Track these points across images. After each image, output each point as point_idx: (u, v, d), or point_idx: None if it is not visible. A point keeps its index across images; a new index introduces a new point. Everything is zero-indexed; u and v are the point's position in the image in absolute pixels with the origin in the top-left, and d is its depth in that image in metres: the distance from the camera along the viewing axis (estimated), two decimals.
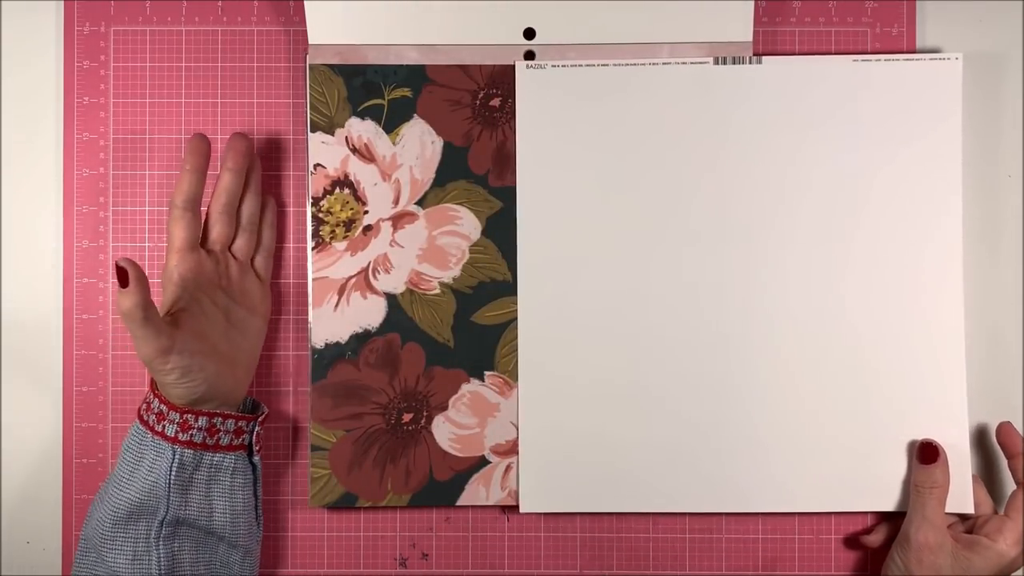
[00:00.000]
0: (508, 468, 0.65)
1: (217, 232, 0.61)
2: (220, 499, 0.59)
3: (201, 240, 0.61)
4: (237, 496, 0.60)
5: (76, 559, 0.59)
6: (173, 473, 0.57)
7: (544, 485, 0.65)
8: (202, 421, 0.58)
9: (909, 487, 0.63)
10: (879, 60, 0.64)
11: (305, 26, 0.65)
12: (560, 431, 0.64)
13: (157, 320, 0.55)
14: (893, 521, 0.65)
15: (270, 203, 0.65)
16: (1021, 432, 0.64)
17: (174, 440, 0.58)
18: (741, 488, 0.64)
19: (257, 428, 0.61)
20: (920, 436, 0.64)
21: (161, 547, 0.57)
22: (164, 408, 0.58)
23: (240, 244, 0.62)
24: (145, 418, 0.59)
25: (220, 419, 0.59)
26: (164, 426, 0.58)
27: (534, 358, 0.65)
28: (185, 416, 0.58)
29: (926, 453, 0.62)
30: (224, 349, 0.60)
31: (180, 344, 0.56)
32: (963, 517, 0.64)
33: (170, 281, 0.58)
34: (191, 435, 0.58)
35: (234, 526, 0.60)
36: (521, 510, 0.64)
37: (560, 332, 0.65)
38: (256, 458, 0.61)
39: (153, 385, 0.59)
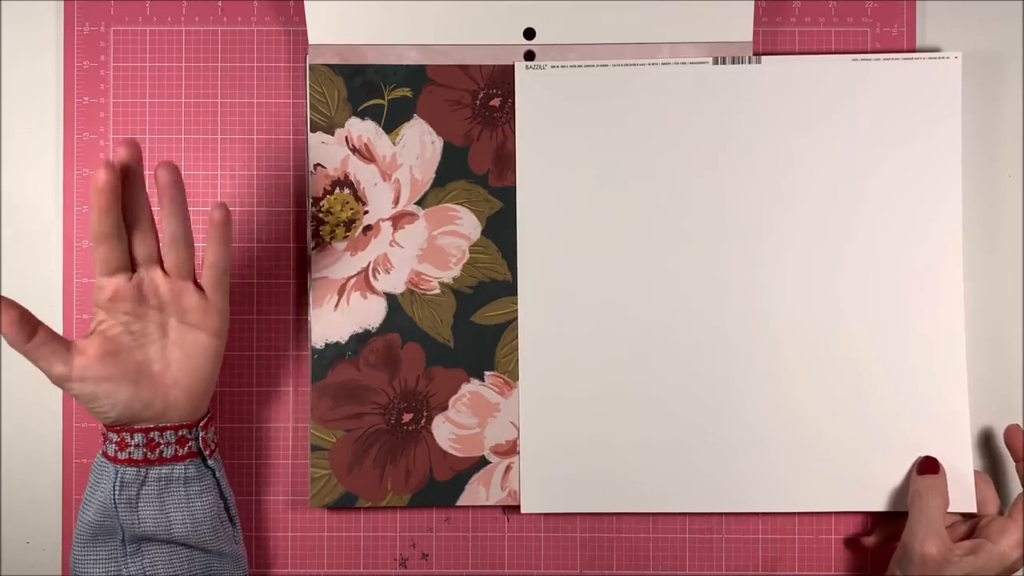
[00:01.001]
0: (508, 468, 0.65)
1: (138, 254, 0.57)
2: (177, 510, 0.58)
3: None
4: (195, 503, 0.59)
5: None
6: (116, 492, 0.57)
7: (544, 485, 0.65)
8: (138, 438, 0.57)
9: (909, 497, 0.63)
10: (878, 60, 0.64)
11: (305, 26, 0.65)
12: (560, 431, 0.64)
13: (49, 347, 0.55)
14: (891, 522, 0.65)
15: (216, 217, 0.58)
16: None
17: (114, 459, 0.58)
18: (741, 488, 0.64)
19: (201, 433, 0.59)
20: (921, 435, 0.64)
21: (131, 565, 0.58)
22: (104, 429, 0.58)
23: (168, 264, 0.58)
24: (101, 444, 0.59)
25: (157, 432, 0.58)
26: (107, 447, 0.58)
27: (534, 358, 0.65)
28: (122, 435, 0.57)
29: (926, 465, 0.62)
30: (157, 369, 0.58)
31: (79, 371, 0.55)
32: (965, 516, 0.64)
33: (95, 303, 0.57)
34: (129, 453, 0.57)
35: (199, 533, 0.59)
36: (522, 510, 0.64)
37: (560, 332, 0.65)
38: (211, 462, 0.60)
39: None
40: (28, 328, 0.54)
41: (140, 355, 0.58)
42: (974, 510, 0.63)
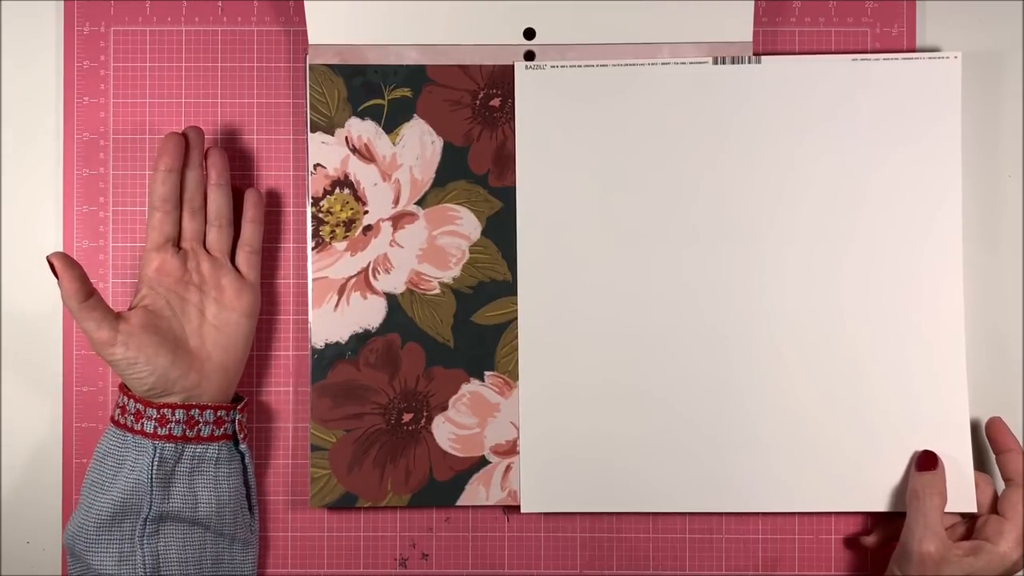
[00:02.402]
0: (508, 468, 0.65)
1: (186, 229, 0.62)
2: (205, 489, 0.60)
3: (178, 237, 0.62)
4: (223, 486, 0.60)
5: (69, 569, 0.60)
6: (155, 468, 0.58)
7: (544, 485, 0.65)
8: (179, 414, 0.59)
9: (907, 495, 0.63)
10: (878, 59, 0.64)
11: (305, 26, 0.65)
12: (560, 431, 0.64)
13: (100, 311, 0.58)
14: (891, 521, 0.65)
15: (251, 199, 0.64)
16: (1017, 429, 0.64)
17: (153, 436, 0.58)
18: (741, 488, 0.64)
19: (238, 416, 0.61)
20: (921, 435, 0.64)
21: (146, 545, 0.58)
22: (140, 407, 0.59)
23: (211, 240, 0.62)
24: (121, 421, 0.59)
25: (197, 411, 0.59)
26: (143, 424, 0.58)
27: (534, 358, 0.65)
28: (162, 411, 0.58)
29: (924, 461, 0.62)
30: (194, 344, 0.61)
31: (124, 336, 0.58)
32: (964, 516, 0.64)
33: (139, 278, 0.61)
34: (170, 428, 0.58)
35: (220, 515, 0.60)
36: (522, 510, 0.64)
37: (560, 332, 0.65)
38: (243, 447, 0.62)
39: (123, 388, 0.60)
40: (86, 289, 0.57)
41: (179, 329, 0.60)
42: (975, 510, 0.63)
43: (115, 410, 0.60)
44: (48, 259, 0.57)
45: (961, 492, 0.63)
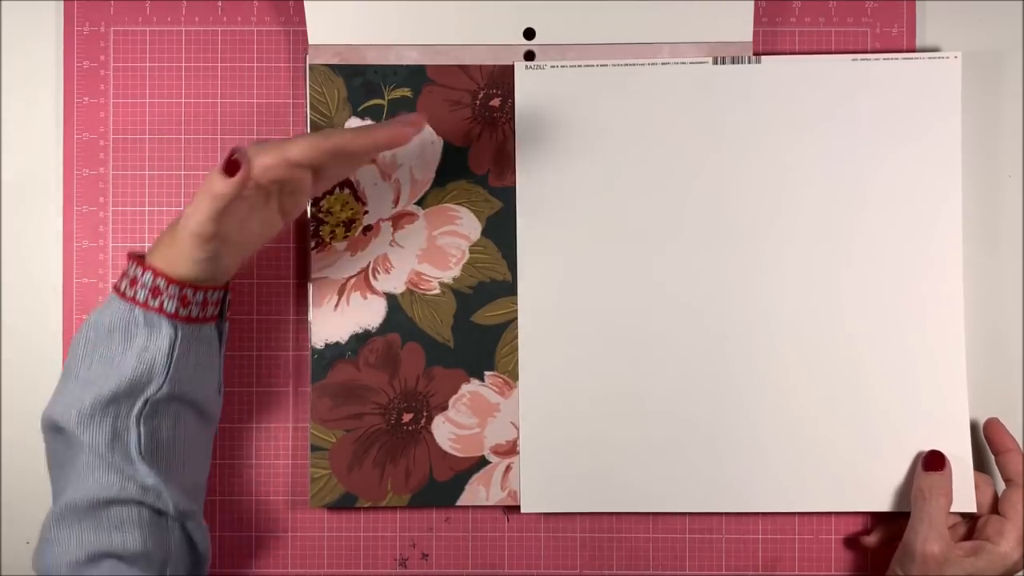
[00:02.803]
0: (508, 468, 0.65)
1: (329, 167, 0.59)
2: (199, 369, 0.58)
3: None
4: (214, 364, 0.60)
5: (48, 455, 0.58)
6: (177, 350, 0.56)
7: (544, 485, 0.65)
8: (199, 296, 0.57)
9: (912, 495, 0.63)
10: (878, 59, 0.64)
11: (305, 26, 0.65)
12: (560, 431, 0.64)
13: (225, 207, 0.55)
14: (892, 521, 0.65)
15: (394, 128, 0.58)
16: (1017, 429, 0.64)
17: (174, 315, 0.56)
18: (741, 488, 0.64)
19: (228, 296, 0.60)
20: (921, 436, 0.64)
21: (142, 425, 0.56)
22: (162, 283, 0.56)
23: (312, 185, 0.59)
24: (130, 295, 0.56)
25: (212, 292, 0.58)
26: (162, 301, 0.56)
27: (534, 358, 0.65)
28: (184, 291, 0.56)
29: (932, 460, 0.62)
30: (237, 235, 0.58)
31: (223, 234, 0.56)
32: (964, 515, 0.64)
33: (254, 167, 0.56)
34: (189, 310, 0.57)
35: (209, 396, 0.60)
36: (521, 510, 0.64)
37: (560, 332, 0.65)
38: (225, 324, 0.61)
39: (142, 261, 0.57)
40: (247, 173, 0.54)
41: (244, 216, 0.57)
42: (975, 510, 0.63)
43: (122, 281, 0.57)
44: (233, 156, 0.53)
45: (962, 492, 0.63)
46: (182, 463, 0.58)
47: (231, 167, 0.53)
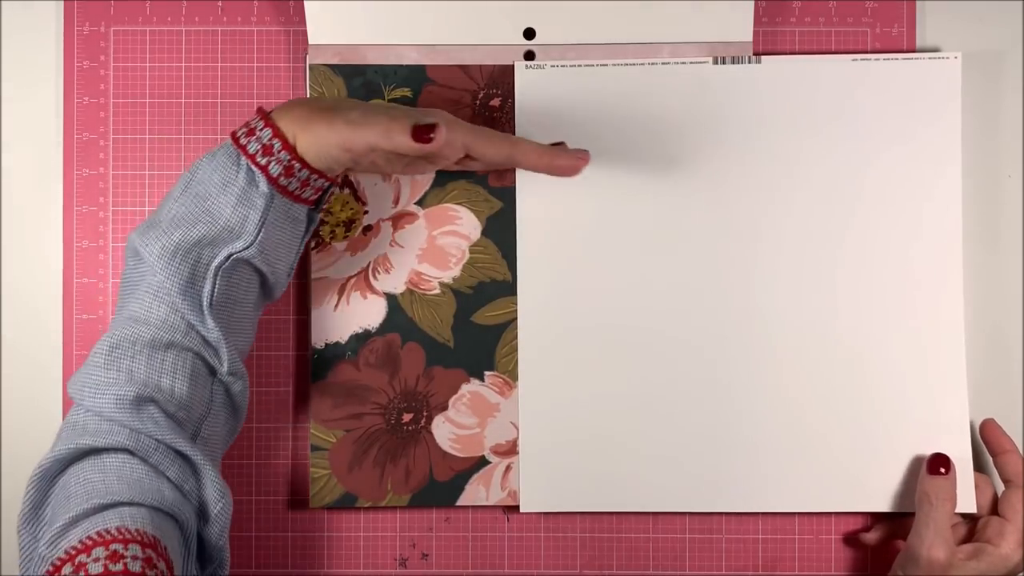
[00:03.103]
0: (508, 468, 0.65)
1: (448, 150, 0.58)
2: (281, 246, 0.58)
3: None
4: (294, 246, 0.59)
5: (123, 277, 0.57)
6: (269, 215, 0.56)
7: (544, 485, 0.65)
8: (303, 173, 0.56)
9: (916, 498, 0.62)
10: (878, 59, 0.64)
11: (305, 26, 0.65)
12: (560, 431, 0.64)
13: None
14: (891, 518, 0.65)
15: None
16: (1017, 429, 0.64)
17: (275, 180, 0.56)
18: (741, 488, 0.64)
19: (333, 188, 0.61)
20: (921, 436, 0.64)
21: (219, 278, 0.56)
22: (277, 144, 0.55)
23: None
24: (244, 143, 0.56)
25: (317, 177, 0.57)
26: (269, 162, 0.55)
27: (534, 358, 0.65)
28: (293, 162, 0.55)
29: (936, 463, 0.62)
30: (365, 162, 0.59)
31: (364, 165, 0.58)
32: (964, 516, 0.64)
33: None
34: (290, 182, 0.56)
35: (279, 275, 0.59)
36: (521, 510, 0.64)
37: (560, 332, 0.65)
38: (316, 215, 0.60)
39: (268, 117, 0.56)
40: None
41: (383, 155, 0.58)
42: (974, 510, 0.63)
43: (240, 130, 0.56)
44: (430, 128, 0.54)
45: (962, 493, 0.63)
46: (239, 330, 0.58)
47: (423, 134, 0.54)
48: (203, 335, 0.56)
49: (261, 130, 0.56)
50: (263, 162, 0.55)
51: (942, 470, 0.62)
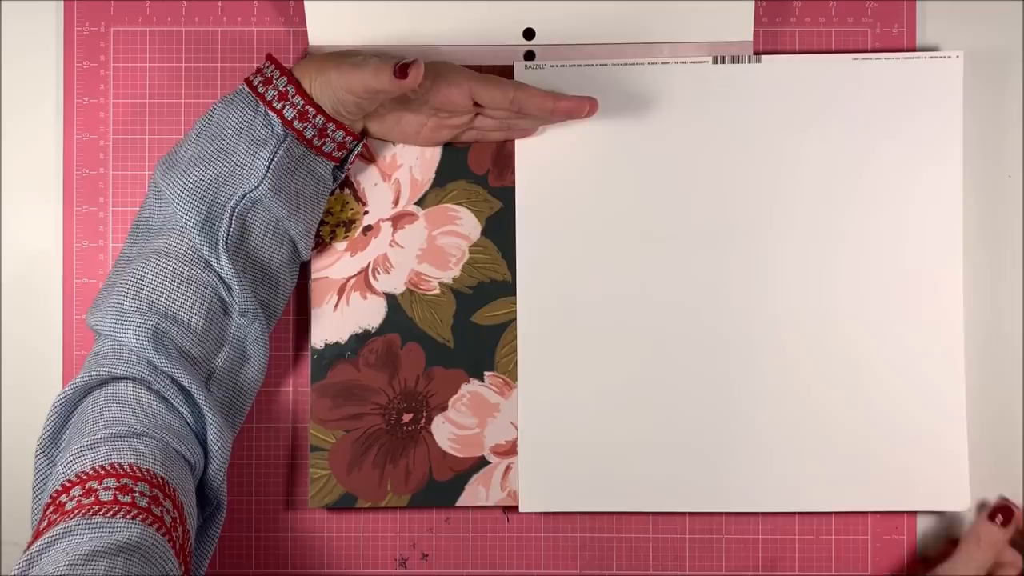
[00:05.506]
0: (508, 468, 0.65)
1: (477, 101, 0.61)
2: (302, 198, 0.60)
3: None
4: (319, 203, 0.61)
5: (143, 210, 0.60)
6: (278, 156, 0.57)
7: (544, 485, 0.65)
8: (319, 120, 0.58)
9: (966, 533, 0.62)
10: (879, 59, 0.64)
11: (305, 26, 0.65)
12: (560, 431, 0.64)
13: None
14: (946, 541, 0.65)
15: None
16: (1017, 429, 0.64)
17: (289, 124, 0.58)
18: (741, 488, 0.64)
19: (359, 147, 0.62)
20: (920, 436, 0.64)
21: (235, 219, 0.58)
22: (291, 90, 0.58)
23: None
24: (258, 88, 0.58)
25: (333, 126, 0.59)
26: (284, 107, 0.58)
27: (534, 358, 0.65)
28: (307, 107, 0.58)
29: (1002, 512, 0.62)
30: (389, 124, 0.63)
31: (366, 108, 0.59)
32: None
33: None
34: (304, 128, 0.58)
35: (304, 229, 0.61)
36: (521, 510, 0.64)
37: (560, 332, 0.65)
38: (342, 173, 0.62)
39: (278, 63, 0.59)
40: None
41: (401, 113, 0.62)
42: (967, 509, 0.63)
43: (256, 77, 0.59)
44: (411, 65, 0.56)
45: (955, 492, 0.63)
46: (262, 280, 0.60)
47: (403, 70, 0.56)
48: (218, 271, 0.58)
49: (277, 79, 0.58)
50: (278, 107, 0.58)
51: (1000, 519, 0.62)
